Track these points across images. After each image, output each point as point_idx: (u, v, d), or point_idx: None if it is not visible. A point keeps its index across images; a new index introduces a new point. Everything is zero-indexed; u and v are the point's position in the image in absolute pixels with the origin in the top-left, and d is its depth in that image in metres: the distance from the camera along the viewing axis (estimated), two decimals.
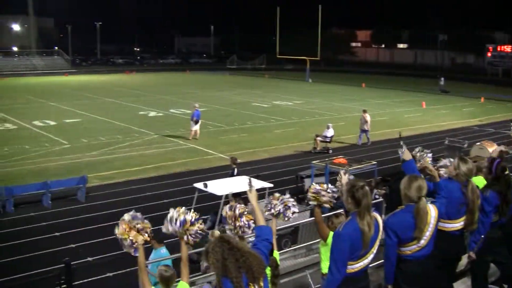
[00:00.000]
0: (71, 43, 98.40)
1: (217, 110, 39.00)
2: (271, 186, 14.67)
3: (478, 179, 6.86)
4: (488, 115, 39.24)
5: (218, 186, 14.35)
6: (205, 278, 7.81)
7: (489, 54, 79.07)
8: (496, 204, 6.43)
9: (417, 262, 5.28)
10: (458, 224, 6.19)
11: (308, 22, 71.29)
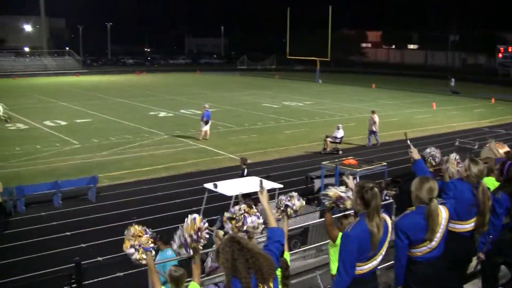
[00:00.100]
0: (82, 44, 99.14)
1: (227, 111, 39.03)
2: (281, 186, 14.66)
3: (490, 180, 6.83)
4: (499, 116, 39.00)
5: (228, 187, 14.38)
6: (210, 280, 7.80)
7: (500, 55, 78.60)
8: (507, 206, 6.38)
9: (427, 264, 5.26)
10: (468, 225, 6.16)
11: (318, 23, 71.14)
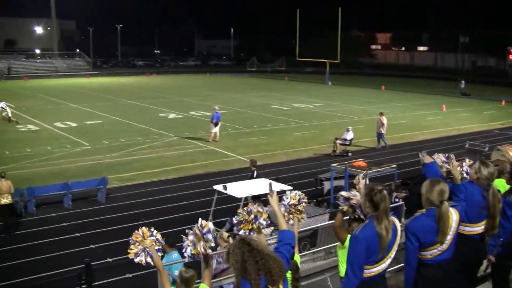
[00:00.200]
0: (93, 46, 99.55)
1: (236, 113, 39.07)
2: (291, 189, 14.61)
3: (501, 182, 6.80)
4: (509, 119, 38.72)
5: (237, 188, 14.39)
6: (216, 282, 7.81)
7: (510, 56, 78.10)
8: None
9: (438, 266, 5.24)
10: (478, 228, 6.14)
11: (327, 24, 71.01)
